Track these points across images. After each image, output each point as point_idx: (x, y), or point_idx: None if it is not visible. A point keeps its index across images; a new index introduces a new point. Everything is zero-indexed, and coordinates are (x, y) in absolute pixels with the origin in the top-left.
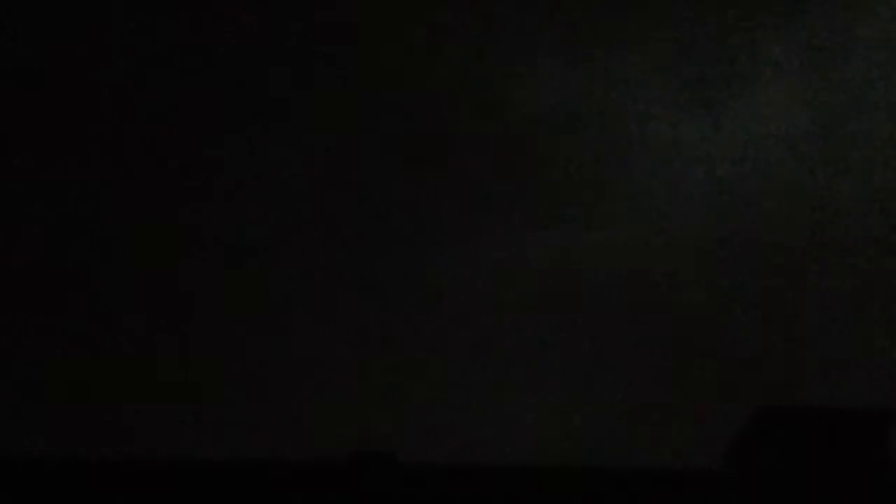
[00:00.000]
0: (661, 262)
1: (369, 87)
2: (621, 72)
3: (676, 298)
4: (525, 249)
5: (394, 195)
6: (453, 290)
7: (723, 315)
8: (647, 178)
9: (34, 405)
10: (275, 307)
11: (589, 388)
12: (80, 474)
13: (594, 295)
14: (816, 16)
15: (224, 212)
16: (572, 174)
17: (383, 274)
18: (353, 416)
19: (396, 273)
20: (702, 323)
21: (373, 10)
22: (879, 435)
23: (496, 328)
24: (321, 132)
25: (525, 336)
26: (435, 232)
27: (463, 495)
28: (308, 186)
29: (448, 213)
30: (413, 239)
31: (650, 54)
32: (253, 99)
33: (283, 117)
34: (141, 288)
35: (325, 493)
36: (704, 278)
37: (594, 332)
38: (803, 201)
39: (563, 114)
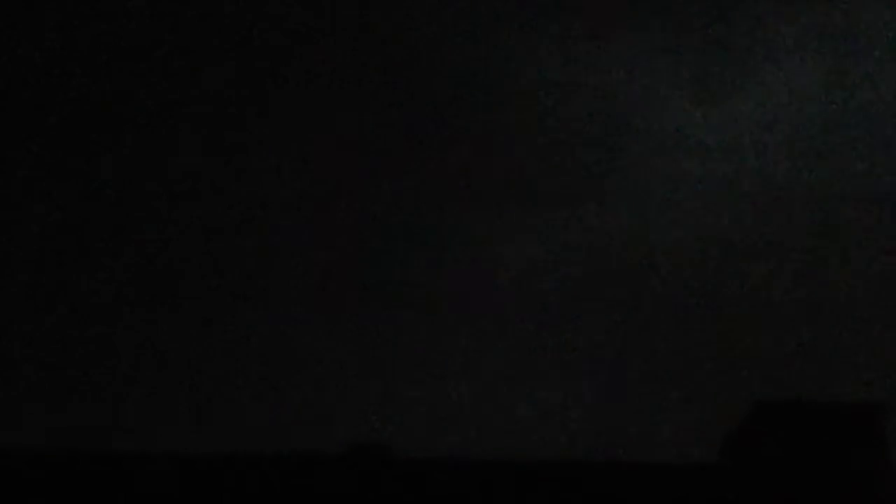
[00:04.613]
0: (658, 259)
1: (369, 85)
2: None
3: (674, 294)
4: (521, 245)
5: (390, 191)
6: (450, 286)
7: (721, 310)
8: (647, 172)
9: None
10: (274, 303)
11: (586, 383)
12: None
13: (591, 291)
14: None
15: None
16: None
17: (380, 270)
18: (349, 409)
19: (394, 269)
20: (699, 318)
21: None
22: (874, 428)
23: (493, 324)
24: (321, 132)
25: (521, 331)
26: (433, 229)
27: (457, 489)
28: (310, 183)
29: (443, 210)
30: (410, 235)
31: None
32: (253, 98)
33: (284, 116)
34: (143, 285)
35: (320, 485)
36: (703, 273)
37: (590, 327)
38: (803, 196)
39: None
